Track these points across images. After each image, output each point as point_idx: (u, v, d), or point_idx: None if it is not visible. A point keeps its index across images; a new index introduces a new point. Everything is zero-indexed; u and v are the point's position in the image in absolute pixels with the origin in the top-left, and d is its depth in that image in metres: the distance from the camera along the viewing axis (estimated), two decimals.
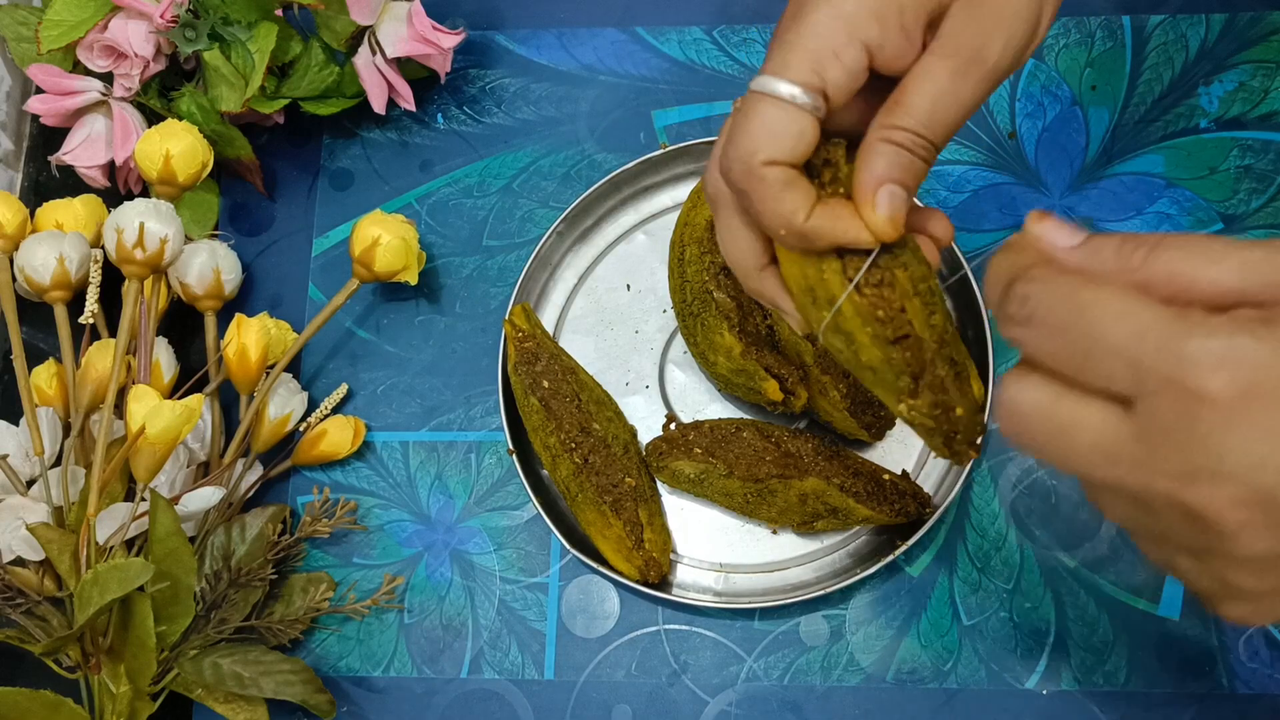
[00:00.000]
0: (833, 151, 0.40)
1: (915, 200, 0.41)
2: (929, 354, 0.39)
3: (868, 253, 0.39)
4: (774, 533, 0.62)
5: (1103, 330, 0.30)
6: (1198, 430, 0.29)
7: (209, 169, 0.64)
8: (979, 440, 0.41)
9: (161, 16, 0.61)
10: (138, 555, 0.57)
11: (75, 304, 0.63)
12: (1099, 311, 0.31)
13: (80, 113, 0.67)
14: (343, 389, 0.66)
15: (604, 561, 0.60)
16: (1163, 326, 0.29)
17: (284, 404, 0.64)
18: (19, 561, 0.57)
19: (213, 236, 0.68)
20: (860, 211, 0.38)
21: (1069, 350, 0.31)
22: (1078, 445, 0.32)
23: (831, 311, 0.39)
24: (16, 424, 0.61)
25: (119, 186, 0.70)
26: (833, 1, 0.38)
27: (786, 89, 0.38)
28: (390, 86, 0.67)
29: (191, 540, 0.57)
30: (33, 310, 0.66)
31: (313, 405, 0.66)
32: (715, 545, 0.62)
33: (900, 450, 0.62)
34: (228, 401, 0.66)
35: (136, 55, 0.63)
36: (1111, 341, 0.30)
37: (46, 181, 0.72)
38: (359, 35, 0.66)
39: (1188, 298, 0.30)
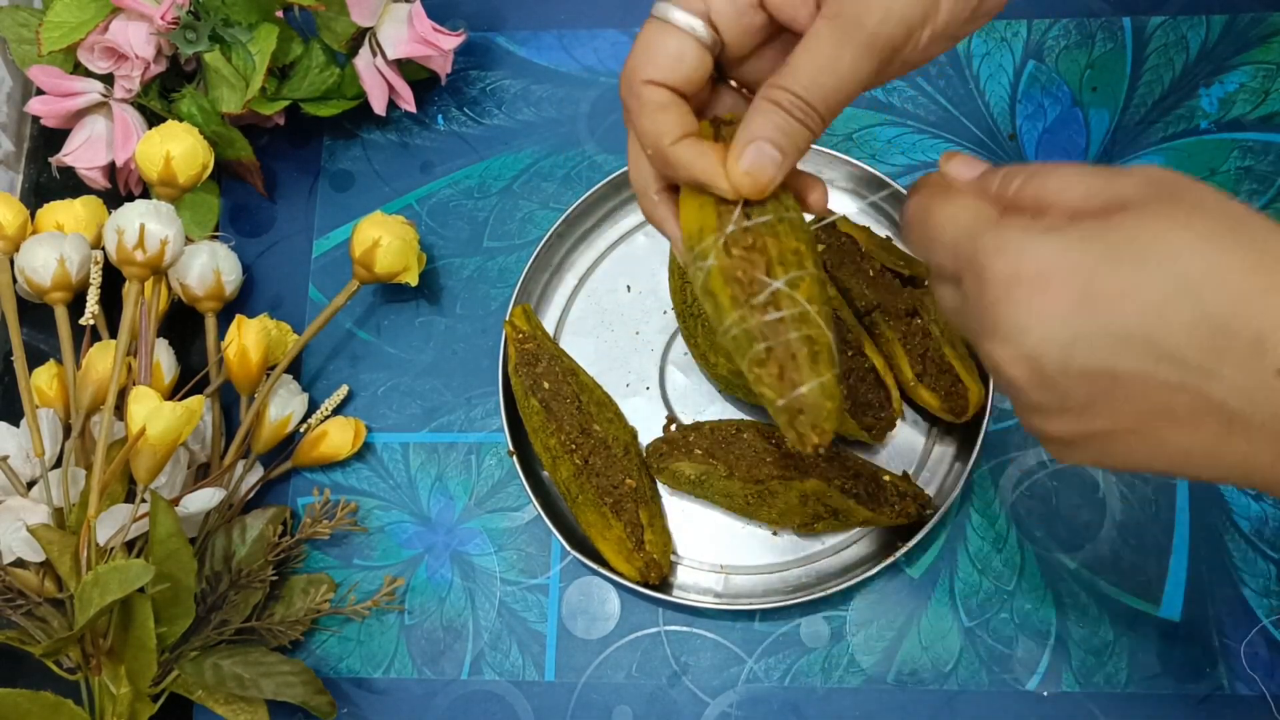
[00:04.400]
0: (739, 116, 0.41)
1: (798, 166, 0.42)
2: (785, 325, 0.38)
3: (746, 221, 0.39)
4: (774, 534, 0.62)
5: (939, 228, 0.38)
6: (984, 301, 0.36)
7: (209, 170, 0.64)
8: (824, 428, 0.38)
9: (162, 18, 0.61)
10: (138, 557, 0.57)
11: (76, 305, 0.63)
12: (939, 216, 0.38)
13: (81, 114, 0.67)
14: (343, 390, 0.66)
15: (604, 563, 0.60)
16: (977, 225, 0.37)
17: (284, 405, 0.64)
18: (20, 563, 0.57)
19: (213, 238, 0.68)
20: (728, 160, 0.39)
21: (924, 245, 0.39)
22: (944, 309, 0.40)
23: (704, 272, 0.40)
24: (17, 425, 0.61)
25: (119, 188, 0.70)
26: None
27: (672, 12, 0.40)
28: (391, 88, 0.67)
29: (192, 541, 0.57)
30: (33, 311, 0.66)
31: (313, 406, 0.66)
32: (716, 546, 0.62)
33: (901, 452, 0.62)
34: (228, 403, 0.66)
35: (137, 57, 0.63)
36: (943, 236, 0.38)
37: (47, 183, 0.72)
38: (359, 37, 0.66)
39: (1047, 212, 0.36)
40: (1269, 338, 0.32)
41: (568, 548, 0.60)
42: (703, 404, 0.64)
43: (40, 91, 0.66)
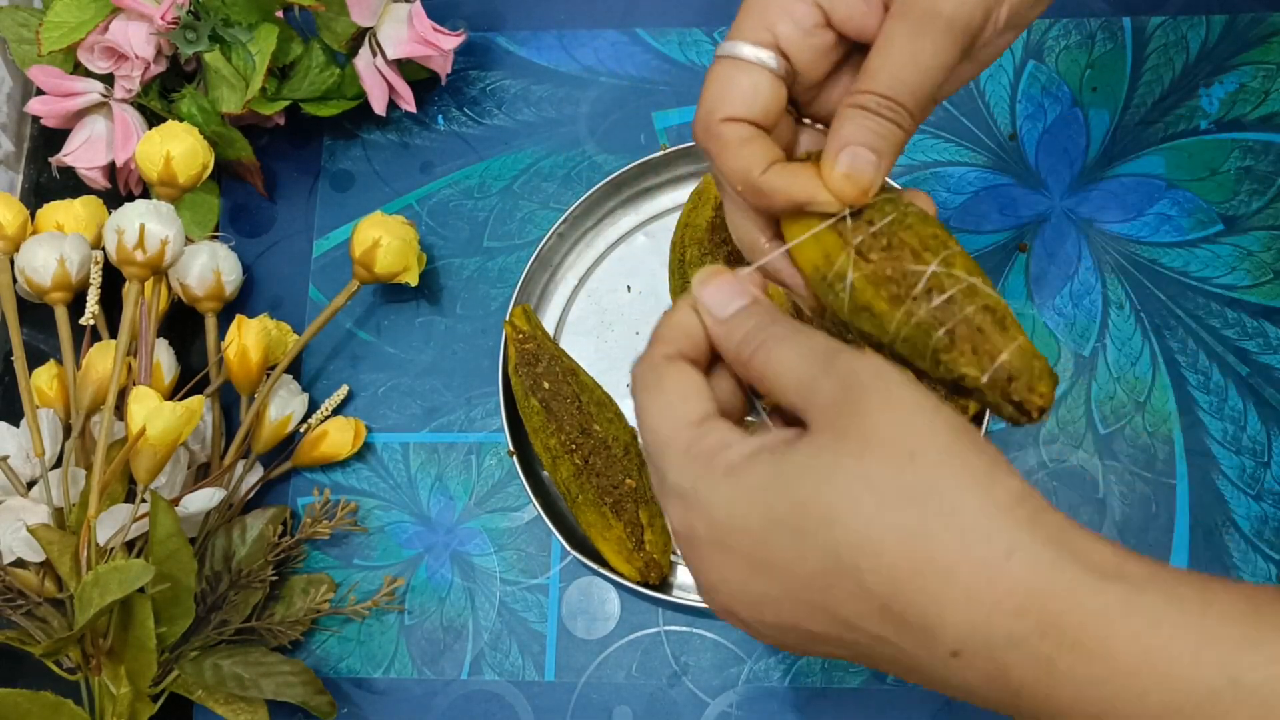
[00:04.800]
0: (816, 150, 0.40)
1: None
2: (957, 303, 0.36)
3: (870, 227, 0.38)
4: None
5: (648, 416, 0.37)
6: (679, 546, 0.36)
7: (209, 170, 0.64)
8: (1041, 389, 0.35)
9: (162, 18, 0.61)
10: (138, 557, 0.57)
11: (76, 305, 0.63)
12: (654, 400, 0.37)
13: (81, 114, 0.67)
14: (343, 390, 0.66)
15: (604, 563, 0.60)
16: (672, 447, 0.35)
17: (284, 405, 0.64)
18: (19, 563, 0.57)
19: (213, 238, 0.68)
20: (822, 171, 0.38)
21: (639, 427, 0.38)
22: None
23: (847, 290, 0.38)
24: (17, 425, 0.61)
25: (119, 188, 0.70)
26: None
27: (740, 48, 0.39)
28: (391, 88, 0.67)
29: (192, 541, 0.57)
30: (33, 311, 0.66)
31: (313, 406, 0.66)
32: None
33: None
34: (228, 403, 0.66)
35: (137, 57, 0.63)
36: (647, 435, 0.36)
37: (47, 183, 0.72)
38: (360, 37, 0.66)
39: (768, 395, 0.36)
40: (933, 625, 0.30)
41: (568, 548, 0.60)
42: None
43: (40, 91, 0.66)
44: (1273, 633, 0.29)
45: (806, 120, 0.43)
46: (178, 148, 0.62)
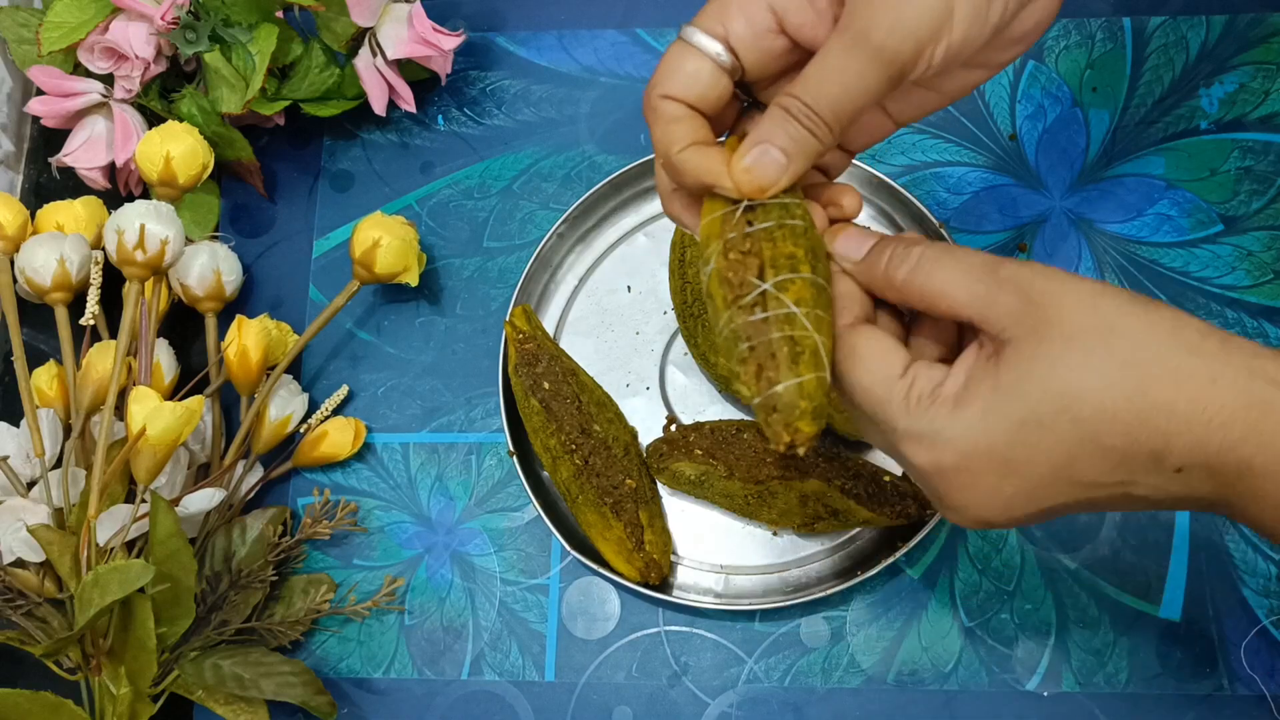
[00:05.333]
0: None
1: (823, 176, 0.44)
2: (769, 325, 0.38)
3: (748, 226, 0.40)
4: (774, 534, 0.62)
5: (853, 394, 0.41)
6: (919, 478, 0.41)
7: (209, 170, 0.64)
8: (797, 427, 0.38)
9: (162, 18, 0.61)
10: (138, 557, 0.57)
11: (76, 305, 0.63)
12: (848, 382, 0.41)
13: (81, 114, 0.67)
14: (343, 390, 0.66)
15: (604, 563, 0.60)
16: (892, 402, 0.39)
17: (285, 405, 0.64)
18: (20, 563, 0.57)
19: (213, 238, 0.68)
20: (730, 160, 0.40)
21: (844, 400, 0.42)
22: (873, 442, 0.44)
23: (705, 276, 0.41)
24: (17, 425, 0.61)
25: (119, 188, 0.70)
26: None
27: (695, 35, 0.41)
28: (391, 88, 0.67)
29: (192, 542, 0.57)
30: (33, 312, 0.66)
31: (313, 407, 0.66)
32: (716, 547, 0.62)
33: None
34: (228, 403, 0.66)
35: (137, 57, 0.63)
36: (859, 401, 0.41)
37: (47, 183, 0.72)
38: (359, 37, 0.66)
39: (934, 311, 0.40)
40: (1160, 450, 0.36)
41: (568, 548, 0.60)
42: (703, 404, 0.64)
43: (40, 92, 0.66)
44: None
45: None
46: (178, 148, 0.62)
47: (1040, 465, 0.37)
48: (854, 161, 0.64)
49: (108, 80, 0.65)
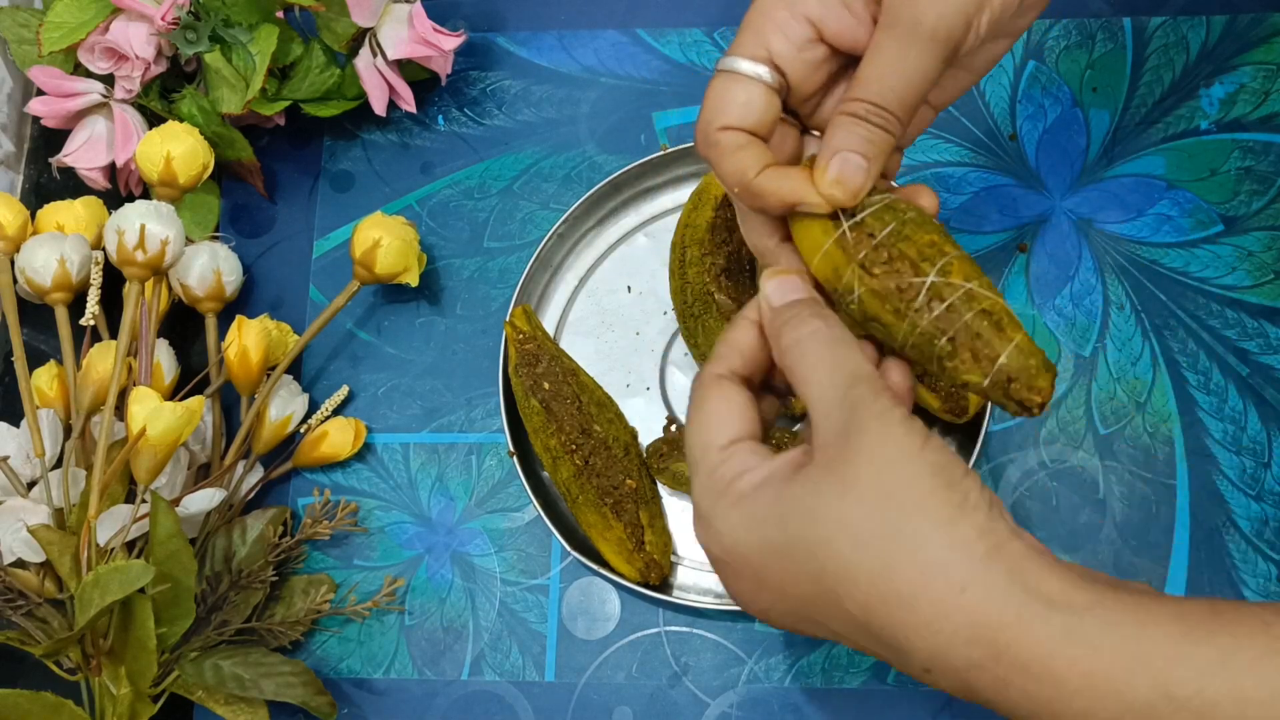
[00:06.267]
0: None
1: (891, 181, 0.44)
2: (956, 310, 0.38)
3: (871, 240, 0.39)
4: None
5: (688, 432, 0.41)
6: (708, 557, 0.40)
7: (210, 171, 0.64)
8: (1039, 385, 0.38)
9: (162, 19, 0.61)
10: (138, 557, 0.57)
11: (76, 306, 0.63)
12: (695, 417, 0.41)
13: (81, 115, 0.67)
14: (344, 391, 0.66)
15: (605, 563, 0.60)
16: (700, 469, 0.40)
17: (285, 406, 0.64)
18: (20, 563, 0.57)
19: (213, 238, 0.68)
20: (814, 177, 0.40)
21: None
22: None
23: (856, 303, 0.40)
24: (17, 426, 0.61)
25: (120, 188, 0.70)
26: None
27: (737, 63, 0.42)
28: (391, 88, 0.67)
29: (192, 542, 0.57)
30: (34, 312, 0.66)
31: (314, 407, 0.66)
32: None
33: None
34: (229, 403, 0.66)
35: (137, 57, 0.63)
36: (685, 446, 0.41)
37: (47, 183, 0.72)
38: (360, 37, 0.66)
39: (797, 393, 0.39)
40: (904, 648, 0.35)
41: (568, 548, 0.60)
42: None
43: (40, 92, 0.66)
44: (1199, 647, 0.33)
45: (816, 132, 0.45)
46: (178, 148, 0.62)
47: (788, 595, 0.37)
48: None
49: (108, 80, 0.65)
